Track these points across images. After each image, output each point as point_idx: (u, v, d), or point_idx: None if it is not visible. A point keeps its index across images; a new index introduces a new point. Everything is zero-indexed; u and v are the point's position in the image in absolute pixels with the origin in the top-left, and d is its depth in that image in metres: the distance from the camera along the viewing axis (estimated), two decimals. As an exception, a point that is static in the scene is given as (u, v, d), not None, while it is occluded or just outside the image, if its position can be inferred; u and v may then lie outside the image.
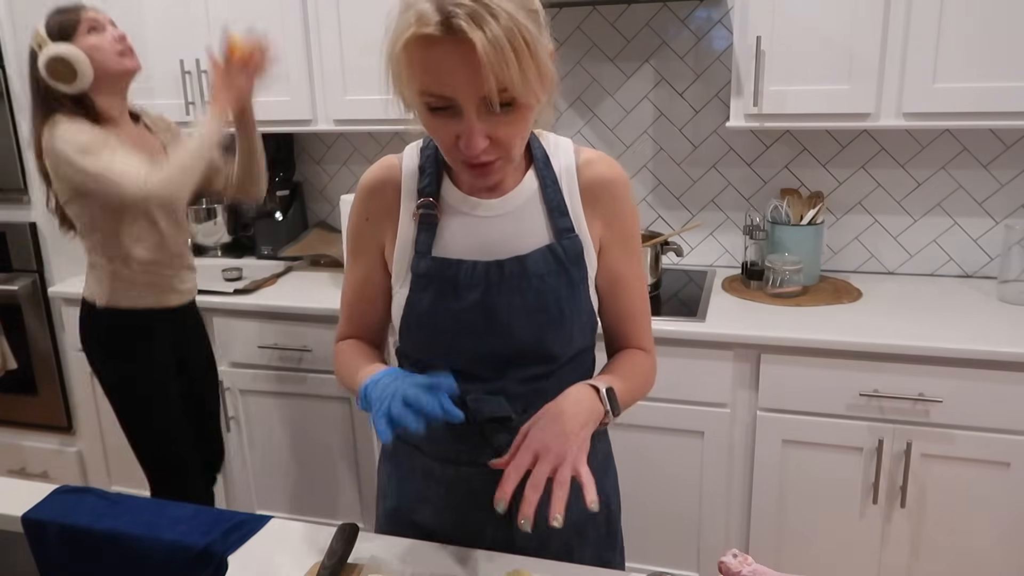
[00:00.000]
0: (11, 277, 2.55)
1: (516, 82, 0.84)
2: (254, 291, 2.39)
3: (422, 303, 1.03)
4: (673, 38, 2.36)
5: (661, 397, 2.00)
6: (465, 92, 0.84)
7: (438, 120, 0.89)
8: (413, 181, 1.05)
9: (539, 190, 1.04)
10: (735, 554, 0.92)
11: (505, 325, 1.01)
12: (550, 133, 1.08)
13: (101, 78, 1.74)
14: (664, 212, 2.52)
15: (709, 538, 2.09)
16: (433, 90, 0.86)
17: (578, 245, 1.03)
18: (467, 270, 1.01)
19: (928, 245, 2.31)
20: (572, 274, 1.03)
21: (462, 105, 0.85)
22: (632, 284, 1.10)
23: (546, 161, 1.04)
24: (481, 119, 0.86)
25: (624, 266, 1.08)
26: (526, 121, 0.91)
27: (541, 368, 1.05)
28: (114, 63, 1.76)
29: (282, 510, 2.51)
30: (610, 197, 1.05)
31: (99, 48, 1.73)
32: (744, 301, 2.14)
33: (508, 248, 1.02)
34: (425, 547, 1.08)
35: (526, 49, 0.83)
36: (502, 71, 0.82)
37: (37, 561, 1.17)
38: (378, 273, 1.10)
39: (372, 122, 2.35)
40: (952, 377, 1.79)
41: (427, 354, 1.07)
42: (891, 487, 1.89)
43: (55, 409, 2.65)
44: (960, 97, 1.88)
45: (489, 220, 1.03)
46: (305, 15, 2.34)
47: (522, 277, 1.01)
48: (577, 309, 1.04)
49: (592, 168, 1.05)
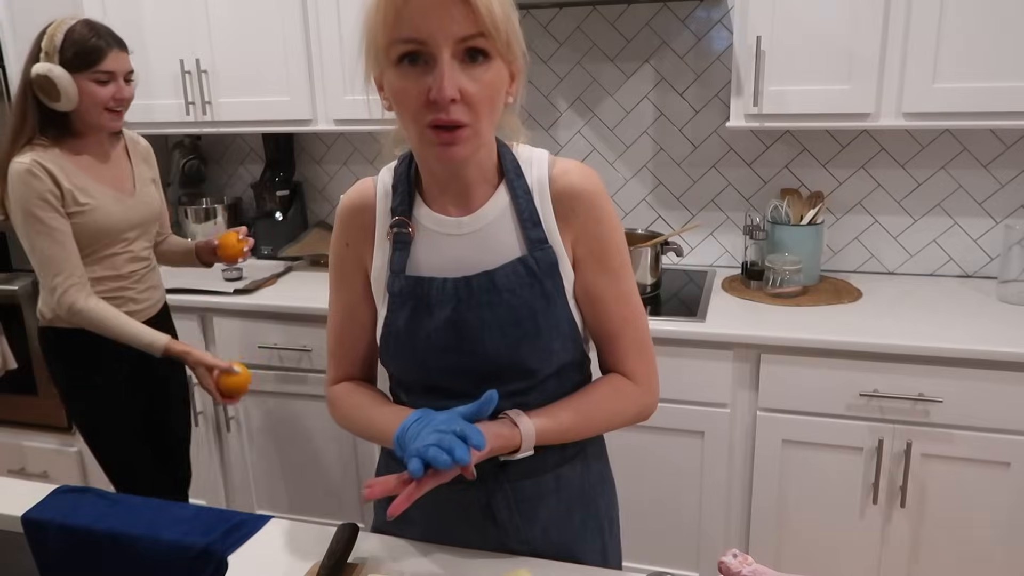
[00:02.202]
0: (11, 277, 2.55)
1: (499, 24, 0.85)
2: (254, 291, 2.39)
3: (398, 322, 1.02)
4: (673, 38, 2.36)
5: (661, 397, 1.98)
6: (441, 32, 0.84)
7: (408, 76, 0.87)
8: (386, 201, 1.04)
9: (511, 203, 1.01)
10: (735, 554, 0.92)
11: (478, 341, 1.00)
12: (525, 146, 1.05)
13: (82, 116, 1.75)
14: (664, 212, 2.52)
15: (709, 538, 2.09)
16: (406, 34, 0.85)
17: (551, 256, 1.00)
18: (437, 287, 1.00)
19: (928, 245, 2.31)
20: (546, 286, 1.00)
21: (435, 50, 0.85)
22: (609, 304, 1.04)
23: (518, 173, 1.02)
24: (454, 68, 0.86)
25: (599, 283, 1.03)
26: (496, 88, 0.90)
27: (521, 383, 1.03)
28: (95, 116, 1.75)
29: (282, 510, 2.51)
30: (582, 208, 1.01)
31: (92, 96, 1.72)
32: (744, 301, 2.14)
33: (480, 264, 1.00)
34: (425, 547, 1.08)
35: (512, 8, 0.88)
36: (488, 12, 0.84)
37: (37, 561, 1.17)
38: (363, 301, 1.08)
39: (372, 122, 2.34)
40: (952, 377, 1.79)
41: (406, 374, 1.06)
42: (891, 487, 1.89)
43: (55, 409, 2.64)
44: (960, 97, 1.88)
45: (460, 238, 1.01)
46: (305, 15, 2.34)
47: (492, 292, 0.99)
48: (554, 322, 1.01)
49: (564, 178, 1.01)
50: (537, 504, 1.08)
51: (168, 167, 2.88)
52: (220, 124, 2.52)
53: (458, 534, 1.09)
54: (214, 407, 2.46)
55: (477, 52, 0.87)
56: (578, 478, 1.12)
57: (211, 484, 2.54)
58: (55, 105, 1.71)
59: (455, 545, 1.09)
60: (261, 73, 2.41)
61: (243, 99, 2.46)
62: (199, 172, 2.88)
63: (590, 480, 1.14)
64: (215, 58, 2.45)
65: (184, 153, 2.83)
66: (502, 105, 0.93)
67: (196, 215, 2.76)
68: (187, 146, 2.84)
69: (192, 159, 2.84)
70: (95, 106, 1.74)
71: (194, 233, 2.79)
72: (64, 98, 1.70)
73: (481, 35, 0.85)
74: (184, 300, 2.35)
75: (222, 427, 2.47)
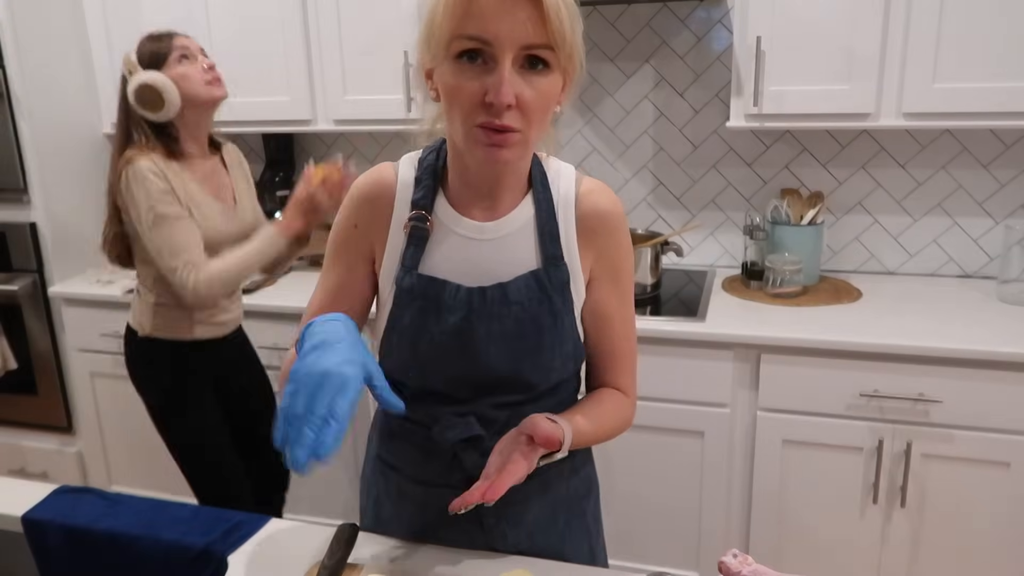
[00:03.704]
0: (11, 277, 2.55)
1: (567, 39, 0.85)
2: (254, 291, 2.39)
3: (403, 319, 1.01)
4: (673, 38, 2.36)
5: (661, 397, 2.00)
6: (508, 36, 0.83)
7: (465, 73, 0.86)
8: (408, 192, 1.02)
9: (534, 216, 1.01)
10: (735, 554, 0.91)
11: (482, 351, 0.99)
12: (553, 159, 1.05)
13: (189, 106, 1.76)
14: (664, 212, 2.52)
15: (709, 538, 2.09)
16: (471, 31, 0.84)
17: (564, 274, 1.00)
18: (451, 292, 0.99)
19: (928, 245, 2.31)
20: (555, 302, 1.00)
21: (499, 53, 0.84)
22: (616, 323, 1.06)
23: (545, 185, 1.02)
24: (513, 73, 0.85)
25: (612, 303, 1.05)
26: (551, 98, 0.89)
27: (518, 396, 1.02)
28: (203, 91, 1.77)
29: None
30: (605, 230, 1.02)
31: (188, 77, 1.75)
32: (744, 301, 2.14)
33: (495, 273, 0.99)
34: (425, 547, 1.08)
35: (577, 19, 0.87)
36: (558, 23, 0.83)
37: (37, 561, 1.17)
38: (355, 284, 1.06)
39: (372, 122, 2.35)
40: (952, 377, 1.79)
41: (403, 374, 1.04)
42: (891, 487, 1.89)
43: (55, 409, 2.65)
44: (960, 97, 1.88)
45: (480, 243, 1.00)
46: (305, 15, 2.34)
47: (503, 304, 0.98)
48: (559, 339, 1.01)
49: (591, 198, 1.02)
50: (523, 508, 1.08)
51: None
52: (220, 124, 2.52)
53: (445, 537, 1.09)
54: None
55: (538, 60, 0.86)
56: (565, 481, 1.12)
57: (211, 484, 2.54)
58: (161, 114, 1.73)
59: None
60: (261, 73, 2.41)
61: (243, 99, 2.46)
62: (199, 172, 2.88)
63: (577, 484, 1.14)
64: (215, 58, 2.44)
65: (184, 153, 2.83)
66: (552, 114, 0.93)
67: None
68: (187, 146, 2.84)
69: (192, 159, 2.84)
70: (196, 84, 1.75)
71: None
72: (167, 96, 1.72)
73: (548, 47, 0.84)
74: (184, 300, 2.35)
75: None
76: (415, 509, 1.10)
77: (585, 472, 1.16)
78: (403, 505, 1.12)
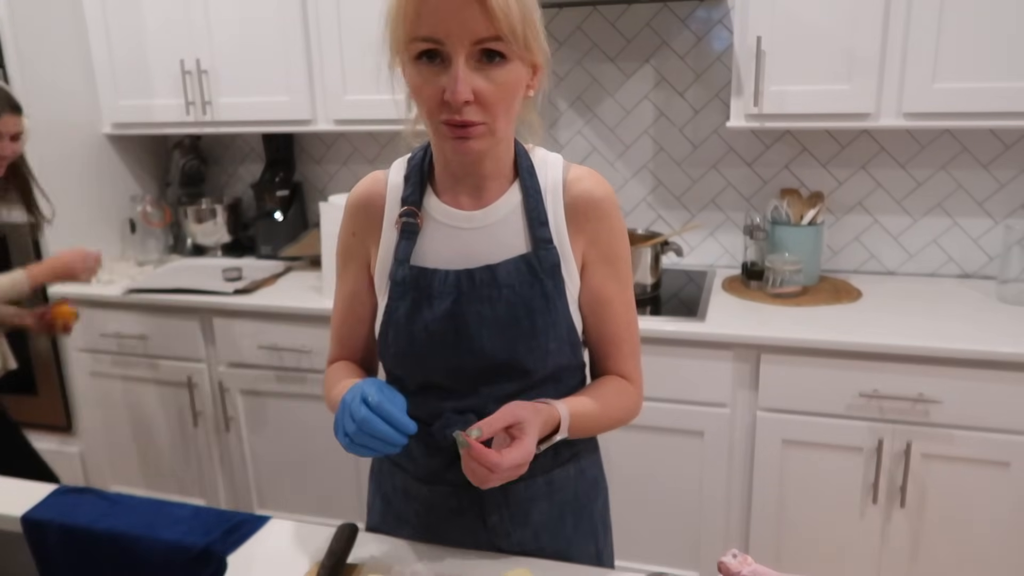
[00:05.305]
0: (11, 277, 2.55)
1: (516, 27, 0.85)
2: (254, 291, 2.39)
3: (398, 312, 1.03)
4: (673, 38, 2.36)
5: (661, 397, 2.00)
6: (458, 34, 0.85)
7: (425, 74, 0.89)
8: (398, 192, 1.05)
9: (522, 202, 1.02)
10: (735, 554, 0.91)
11: (475, 336, 1.00)
12: (540, 148, 1.06)
13: None
14: (664, 212, 2.52)
15: (709, 538, 2.09)
16: (424, 33, 0.86)
17: (555, 257, 1.01)
18: (440, 279, 1.01)
19: (928, 245, 2.31)
20: (546, 285, 1.01)
21: (451, 51, 0.86)
22: (616, 308, 1.06)
23: (532, 173, 1.03)
24: (469, 69, 0.87)
25: (609, 288, 1.05)
26: (512, 88, 0.91)
27: (516, 384, 1.03)
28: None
29: (282, 510, 2.51)
30: (596, 215, 1.03)
31: None
32: (744, 301, 2.14)
33: (484, 259, 1.01)
34: (425, 548, 1.08)
35: (530, 6, 0.88)
36: (505, 13, 0.84)
37: (37, 561, 1.17)
38: (366, 289, 1.09)
39: (372, 122, 2.35)
40: (952, 377, 1.79)
41: (403, 368, 1.05)
42: (891, 487, 1.89)
43: (55, 409, 2.65)
44: (960, 97, 1.88)
45: (469, 231, 1.02)
46: (305, 15, 2.34)
47: (492, 286, 1.00)
48: (552, 323, 1.01)
49: (580, 184, 1.03)
50: (529, 508, 1.08)
51: (168, 167, 2.88)
52: (220, 124, 2.53)
53: (450, 536, 1.09)
54: (213, 407, 2.46)
55: (494, 53, 0.87)
56: (571, 482, 1.12)
57: (211, 484, 2.55)
58: None
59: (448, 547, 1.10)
60: (261, 73, 2.42)
61: (243, 99, 2.46)
62: (199, 172, 2.88)
63: (584, 484, 1.14)
64: (215, 58, 2.45)
65: (184, 153, 2.83)
66: (519, 102, 0.94)
67: (196, 215, 2.76)
68: (187, 146, 2.84)
69: (192, 159, 2.84)
70: None
71: (194, 233, 2.79)
72: None
73: (497, 38, 0.86)
74: (184, 300, 2.35)
75: (221, 427, 2.47)
76: (421, 507, 1.11)
77: (592, 475, 1.16)
78: (410, 503, 1.12)
